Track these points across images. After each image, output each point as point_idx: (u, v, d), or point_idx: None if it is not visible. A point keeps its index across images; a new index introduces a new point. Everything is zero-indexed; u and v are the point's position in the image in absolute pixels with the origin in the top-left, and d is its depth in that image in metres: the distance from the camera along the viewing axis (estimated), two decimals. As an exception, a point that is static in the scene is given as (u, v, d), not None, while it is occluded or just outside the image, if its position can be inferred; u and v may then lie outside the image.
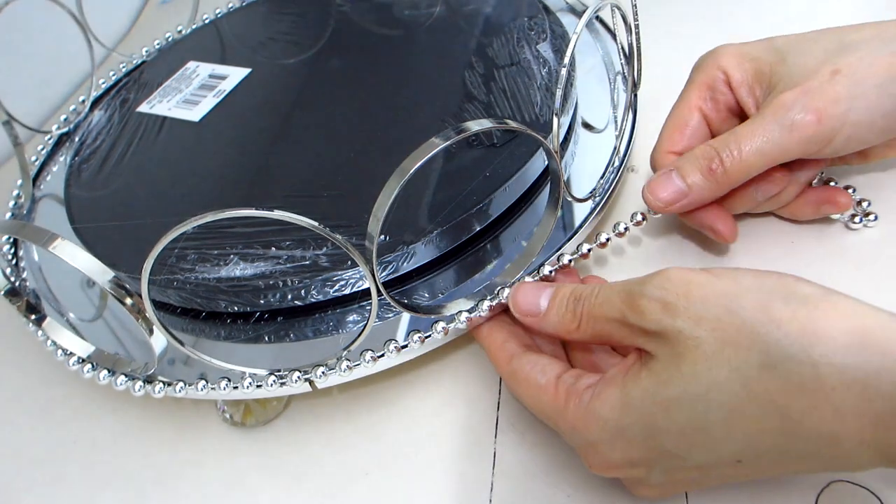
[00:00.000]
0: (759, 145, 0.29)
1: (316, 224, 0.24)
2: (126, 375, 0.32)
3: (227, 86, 0.46)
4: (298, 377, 0.30)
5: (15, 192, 0.45)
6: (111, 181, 0.41)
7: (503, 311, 0.30)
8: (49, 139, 0.49)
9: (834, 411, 0.21)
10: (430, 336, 0.30)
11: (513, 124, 0.26)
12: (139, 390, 0.32)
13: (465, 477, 0.31)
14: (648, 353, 0.24)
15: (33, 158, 0.48)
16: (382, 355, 0.30)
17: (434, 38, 0.45)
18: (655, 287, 0.24)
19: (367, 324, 0.28)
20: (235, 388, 0.31)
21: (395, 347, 0.30)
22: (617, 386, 0.24)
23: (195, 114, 0.45)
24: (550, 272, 0.31)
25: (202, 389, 0.31)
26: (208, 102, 0.45)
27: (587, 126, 0.39)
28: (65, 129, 0.49)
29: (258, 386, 0.30)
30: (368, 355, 0.30)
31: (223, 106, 0.45)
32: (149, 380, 0.32)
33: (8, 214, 0.44)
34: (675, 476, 0.25)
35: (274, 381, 0.30)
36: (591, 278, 0.31)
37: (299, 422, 0.34)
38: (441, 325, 0.30)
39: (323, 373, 0.30)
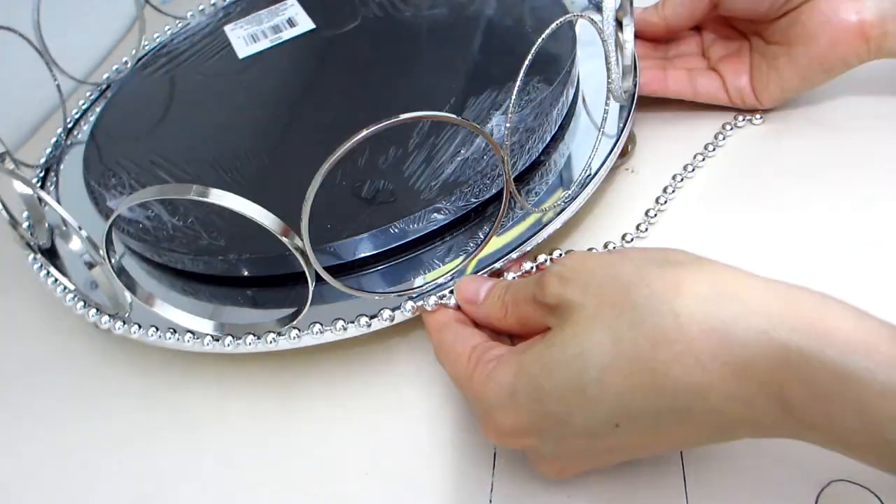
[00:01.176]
0: None
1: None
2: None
3: (288, 34, 0.47)
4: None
5: (53, 140, 0.48)
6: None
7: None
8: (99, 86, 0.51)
9: (696, 361, 0.22)
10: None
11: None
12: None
13: (465, 477, 0.30)
14: (549, 329, 0.26)
15: (81, 103, 0.51)
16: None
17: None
18: (557, 264, 0.26)
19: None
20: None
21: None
22: (517, 353, 0.26)
23: (246, 50, 0.46)
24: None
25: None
26: (263, 44, 0.47)
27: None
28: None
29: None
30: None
31: (270, 52, 0.46)
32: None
33: (42, 160, 0.47)
34: (564, 446, 0.25)
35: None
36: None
37: (298, 422, 0.34)
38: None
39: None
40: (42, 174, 0.45)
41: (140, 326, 0.33)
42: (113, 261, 0.29)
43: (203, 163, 0.39)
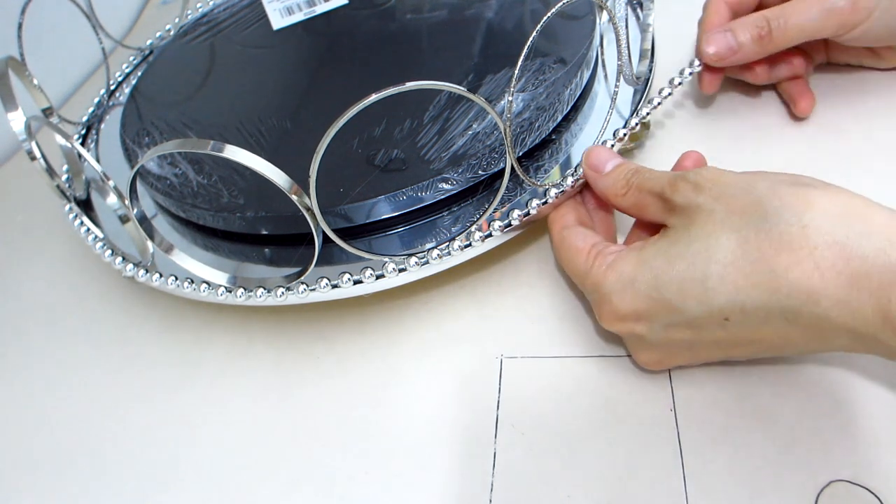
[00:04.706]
0: (801, 22, 0.35)
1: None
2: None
3: (321, 8, 0.48)
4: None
5: (96, 100, 0.50)
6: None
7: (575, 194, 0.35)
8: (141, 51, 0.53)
9: (815, 267, 0.24)
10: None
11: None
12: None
13: (465, 477, 0.31)
14: (669, 227, 0.29)
15: (125, 66, 0.53)
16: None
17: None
18: (694, 174, 0.28)
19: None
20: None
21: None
22: (637, 249, 0.29)
23: (280, 22, 0.48)
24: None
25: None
26: (297, 17, 0.48)
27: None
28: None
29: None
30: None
31: (303, 25, 0.48)
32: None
33: (85, 118, 0.49)
34: (671, 334, 0.28)
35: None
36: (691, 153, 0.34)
37: (299, 421, 0.34)
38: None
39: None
40: (83, 131, 0.48)
41: (161, 275, 0.35)
42: (136, 209, 0.31)
43: (231, 127, 0.40)
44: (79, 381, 0.38)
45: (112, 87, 0.51)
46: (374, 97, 0.25)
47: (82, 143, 0.47)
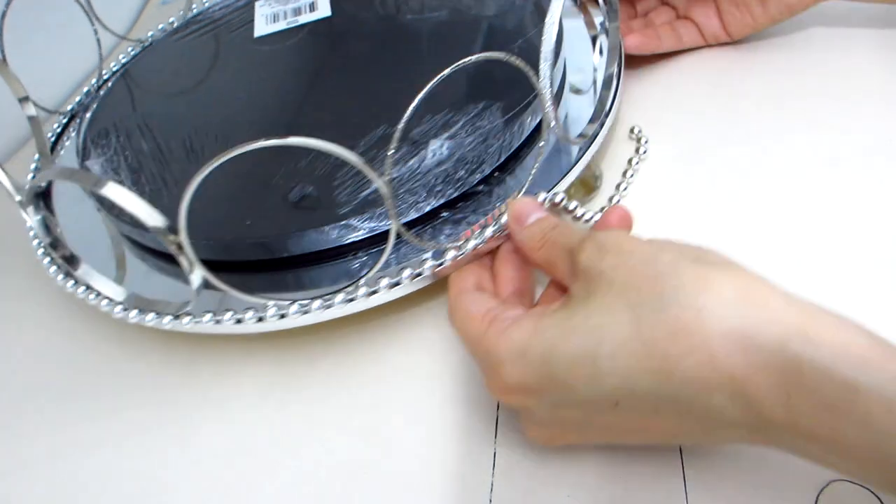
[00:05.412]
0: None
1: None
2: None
3: (305, 18, 0.48)
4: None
5: (33, 166, 0.48)
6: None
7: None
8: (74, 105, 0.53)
9: (710, 357, 0.22)
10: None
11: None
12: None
13: (466, 477, 0.30)
14: (571, 295, 0.27)
15: (121, 57, 0.53)
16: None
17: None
18: (603, 235, 0.27)
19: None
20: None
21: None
22: (536, 316, 0.27)
23: (263, 29, 0.48)
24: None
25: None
26: (279, 25, 0.48)
27: (575, 91, 0.40)
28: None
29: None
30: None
31: (282, 34, 0.48)
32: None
33: (70, 107, 0.49)
34: (560, 413, 0.27)
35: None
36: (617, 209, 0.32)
37: (298, 421, 0.34)
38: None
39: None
40: (65, 120, 0.49)
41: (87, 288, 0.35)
42: (37, 217, 0.30)
43: (183, 134, 0.40)
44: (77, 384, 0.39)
45: (105, 78, 0.52)
46: (236, 151, 0.25)
47: (62, 132, 0.48)
